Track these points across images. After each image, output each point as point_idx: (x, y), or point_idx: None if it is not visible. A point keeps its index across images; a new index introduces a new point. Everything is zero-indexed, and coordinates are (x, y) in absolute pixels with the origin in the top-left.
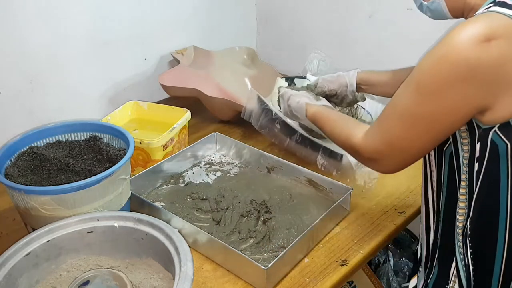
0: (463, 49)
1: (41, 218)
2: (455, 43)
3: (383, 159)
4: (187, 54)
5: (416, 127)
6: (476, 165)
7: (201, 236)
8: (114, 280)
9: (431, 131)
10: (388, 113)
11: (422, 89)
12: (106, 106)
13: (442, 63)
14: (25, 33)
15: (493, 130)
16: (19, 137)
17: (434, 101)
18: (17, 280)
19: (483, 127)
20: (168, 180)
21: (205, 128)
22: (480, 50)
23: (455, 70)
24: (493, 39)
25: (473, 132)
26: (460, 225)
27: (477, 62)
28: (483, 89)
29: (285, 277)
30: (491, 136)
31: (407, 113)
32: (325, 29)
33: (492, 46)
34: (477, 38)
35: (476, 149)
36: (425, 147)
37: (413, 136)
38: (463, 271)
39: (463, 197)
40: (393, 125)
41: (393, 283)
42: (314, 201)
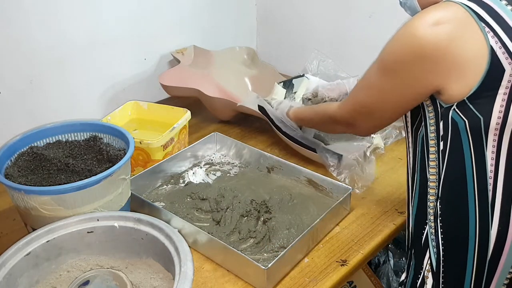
0: (415, 30)
1: (41, 218)
2: (411, 26)
3: (356, 122)
4: (187, 54)
5: (379, 96)
6: (441, 143)
7: (201, 236)
8: (114, 280)
9: (391, 100)
10: (358, 86)
11: (383, 65)
12: (106, 106)
13: (399, 42)
14: (25, 33)
15: (452, 109)
16: (19, 137)
17: (392, 77)
18: (17, 280)
19: (444, 106)
20: (168, 180)
21: (205, 128)
22: (429, 31)
23: (408, 49)
24: (441, 23)
25: (437, 111)
26: (431, 205)
27: (425, 43)
28: (432, 69)
29: (285, 277)
30: (451, 114)
31: (370, 84)
32: (325, 29)
33: (439, 28)
34: (428, 22)
35: (440, 127)
36: (390, 113)
37: (377, 103)
38: (433, 253)
39: (433, 177)
40: (361, 94)
41: (393, 283)
42: (314, 201)
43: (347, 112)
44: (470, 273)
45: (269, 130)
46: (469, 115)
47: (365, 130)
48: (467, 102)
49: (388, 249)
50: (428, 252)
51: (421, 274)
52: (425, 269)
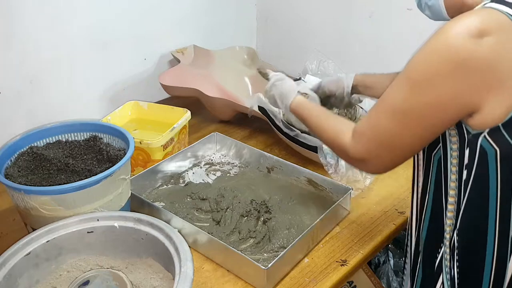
0: (455, 42)
1: (41, 218)
2: (447, 37)
3: (372, 158)
4: (187, 53)
5: (406, 122)
6: (464, 172)
7: (201, 236)
8: (114, 280)
9: (420, 126)
10: (378, 109)
11: (412, 82)
12: (106, 106)
13: (433, 56)
14: (25, 33)
15: (483, 135)
16: (19, 137)
17: (424, 95)
18: (17, 280)
19: (472, 132)
20: (168, 180)
21: (205, 128)
22: (471, 44)
23: (445, 63)
24: (485, 35)
25: (463, 137)
26: (447, 236)
27: (468, 56)
28: (472, 85)
29: (285, 277)
30: (480, 141)
31: (397, 108)
32: (325, 29)
33: (484, 42)
34: (469, 33)
35: (465, 155)
36: (415, 145)
37: (402, 131)
38: (447, 285)
39: (451, 206)
40: (383, 121)
41: (393, 283)
42: (314, 201)
43: (365, 146)
44: None
45: (269, 130)
46: (502, 143)
47: (381, 167)
48: (501, 129)
49: (388, 249)
50: (441, 279)
51: None
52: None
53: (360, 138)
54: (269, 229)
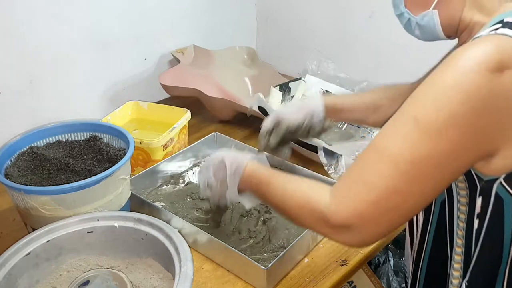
0: (473, 78)
1: (41, 218)
2: (464, 71)
3: (362, 224)
4: (187, 53)
5: (414, 175)
6: (476, 222)
7: (201, 236)
8: (114, 280)
9: (432, 179)
10: (372, 161)
11: (424, 126)
12: (106, 106)
13: (448, 94)
14: (25, 33)
15: (498, 182)
16: (19, 137)
17: (440, 141)
18: (17, 280)
19: (485, 178)
20: (168, 180)
21: (205, 128)
22: (492, 80)
23: (464, 102)
24: (506, 68)
25: (474, 185)
26: (455, 281)
27: (489, 93)
28: (495, 125)
29: (285, 277)
30: (495, 188)
31: (403, 158)
32: (325, 29)
33: (505, 77)
34: (489, 66)
35: (477, 204)
36: (420, 203)
37: (409, 187)
38: None
39: (458, 257)
40: (381, 174)
41: (393, 283)
42: None
43: (351, 210)
44: None
45: None
46: None
47: (370, 236)
48: None
49: (388, 249)
50: None
51: None
52: None
53: (346, 199)
54: (269, 229)
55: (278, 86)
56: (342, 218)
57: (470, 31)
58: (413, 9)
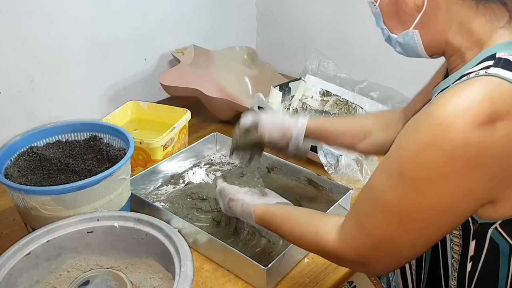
0: (461, 135)
1: (41, 218)
2: (448, 123)
3: (370, 263)
4: (187, 53)
5: (405, 225)
6: (469, 265)
7: (201, 236)
8: (114, 280)
9: (424, 230)
10: (368, 207)
11: (408, 182)
12: (106, 106)
13: (432, 149)
14: (25, 33)
15: (494, 227)
16: (19, 137)
17: (426, 197)
18: (17, 280)
19: (479, 221)
20: (168, 180)
21: (205, 128)
22: (482, 134)
23: (451, 159)
24: (498, 119)
25: (467, 227)
26: None
27: (478, 150)
28: (486, 181)
29: (285, 277)
30: (490, 233)
31: (392, 209)
32: (325, 29)
33: (497, 129)
34: (478, 119)
35: (471, 247)
36: (417, 250)
37: (402, 236)
38: None
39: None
40: (377, 223)
41: (393, 283)
42: (314, 201)
43: (355, 251)
44: None
45: None
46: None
47: (381, 270)
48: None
49: None
50: None
51: None
52: None
53: (349, 240)
54: None
55: (278, 86)
56: (349, 257)
57: (462, 57)
58: (392, 27)
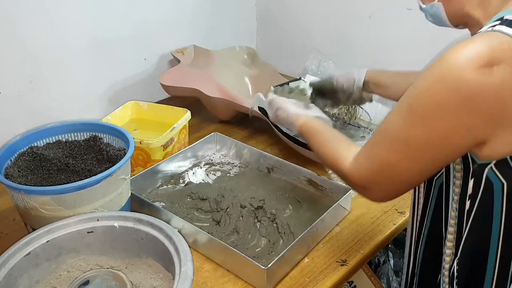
0: (462, 72)
1: (41, 218)
2: (454, 65)
3: (372, 188)
4: (187, 53)
5: (406, 154)
6: (467, 203)
7: (201, 236)
8: (114, 280)
9: (423, 160)
10: (378, 137)
11: (415, 112)
12: (106, 106)
13: (438, 87)
14: (25, 33)
15: (489, 167)
16: (19, 137)
17: (428, 126)
18: (17, 280)
19: (478, 162)
20: (168, 180)
21: (205, 128)
22: (481, 76)
23: (452, 96)
24: (495, 64)
25: (467, 167)
26: (446, 266)
27: (478, 89)
28: (482, 119)
29: (285, 277)
30: (486, 173)
31: (398, 138)
32: (325, 29)
33: (494, 72)
34: (478, 62)
35: (469, 185)
36: (415, 177)
37: (402, 163)
38: None
39: (451, 236)
40: (382, 150)
41: (393, 283)
42: (314, 201)
43: (364, 174)
44: None
45: (269, 130)
46: (510, 176)
47: (382, 197)
48: (510, 161)
49: (388, 249)
50: None
51: None
52: None
53: (359, 165)
54: (269, 229)
55: (278, 86)
56: (357, 180)
57: (480, 27)
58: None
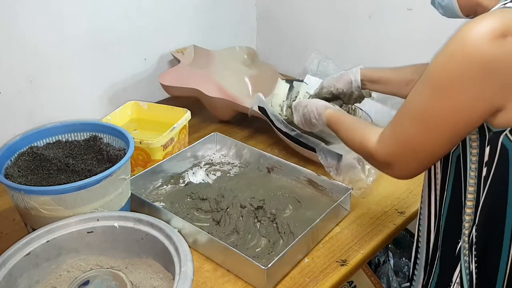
0: (478, 44)
1: (41, 218)
2: (469, 38)
3: (397, 163)
4: (187, 53)
5: (429, 126)
6: (484, 170)
7: (201, 236)
8: (114, 280)
9: (445, 131)
10: (402, 114)
11: (435, 85)
12: (106, 106)
13: (456, 58)
14: (25, 33)
15: (504, 134)
16: (19, 137)
17: (448, 98)
18: (17, 280)
19: (494, 130)
20: (168, 180)
21: (205, 128)
22: (495, 46)
23: (469, 66)
24: (508, 35)
25: (483, 135)
26: (466, 232)
27: (492, 58)
28: (497, 87)
29: (285, 277)
30: (501, 139)
31: (421, 112)
32: (325, 29)
33: (508, 43)
34: (492, 34)
35: (486, 153)
36: (439, 149)
37: (427, 136)
38: (466, 279)
39: (470, 203)
40: (406, 125)
41: (393, 283)
42: (314, 201)
43: (389, 151)
44: None
45: (269, 130)
46: None
47: (407, 172)
48: None
49: (388, 249)
50: (459, 272)
51: None
52: (453, 286)
53: (384, 143)
54: (269, 229)
55: (285, 79)
56: (382, 158)
57: None
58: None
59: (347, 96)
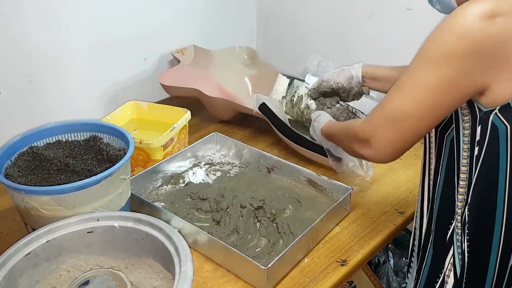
0: (468, 22)
1: (41, 218)
2: (461, 16)
3: (377, 137)
4: (187, 53)
5: (414, 92)
6: (476, 149)
7: (201, 236)
8: (114, 280)
9: (428, 98)
10: (391, 90)
11: (426, 58)
12: (106, 106)
13: (447, 34)
14: (25, 33)
15: (494, 113)
16: (19, 137)
17: (436, 71)
18: (17, 280)
19: (484, 110)
20: (168, 180)
21: (205, 128)
22: (483, 25)
23: (459, 42)
24: (498, 15)
25: (474, 115)
26: (459, 211)
27: (479, 35)
28: (484, 64)
29: (285, 277)
30: (491, 118)
31: (407, 79)
32: (325, 29)
33: (496, 22)
34: (482, 14)
35: (477, 132)
36: (423, 125)
37: (409, 101)
38: (458, 259)
39: (463, 182)
40: (392, 95)
41: (393, 283)
42: (314, 201)
43: (371, 123)
44: (491, 279)
45: (269, 130)
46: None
47: (385, 150)
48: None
49: (388, 249)
50: (452, 253)
51: (440, 278)
52: (446, 268)
53: (369, 117)
54: (269, 229)
55: (286, 75)
56: (363, 133)
57: None
58: None
59: (346, 91)
